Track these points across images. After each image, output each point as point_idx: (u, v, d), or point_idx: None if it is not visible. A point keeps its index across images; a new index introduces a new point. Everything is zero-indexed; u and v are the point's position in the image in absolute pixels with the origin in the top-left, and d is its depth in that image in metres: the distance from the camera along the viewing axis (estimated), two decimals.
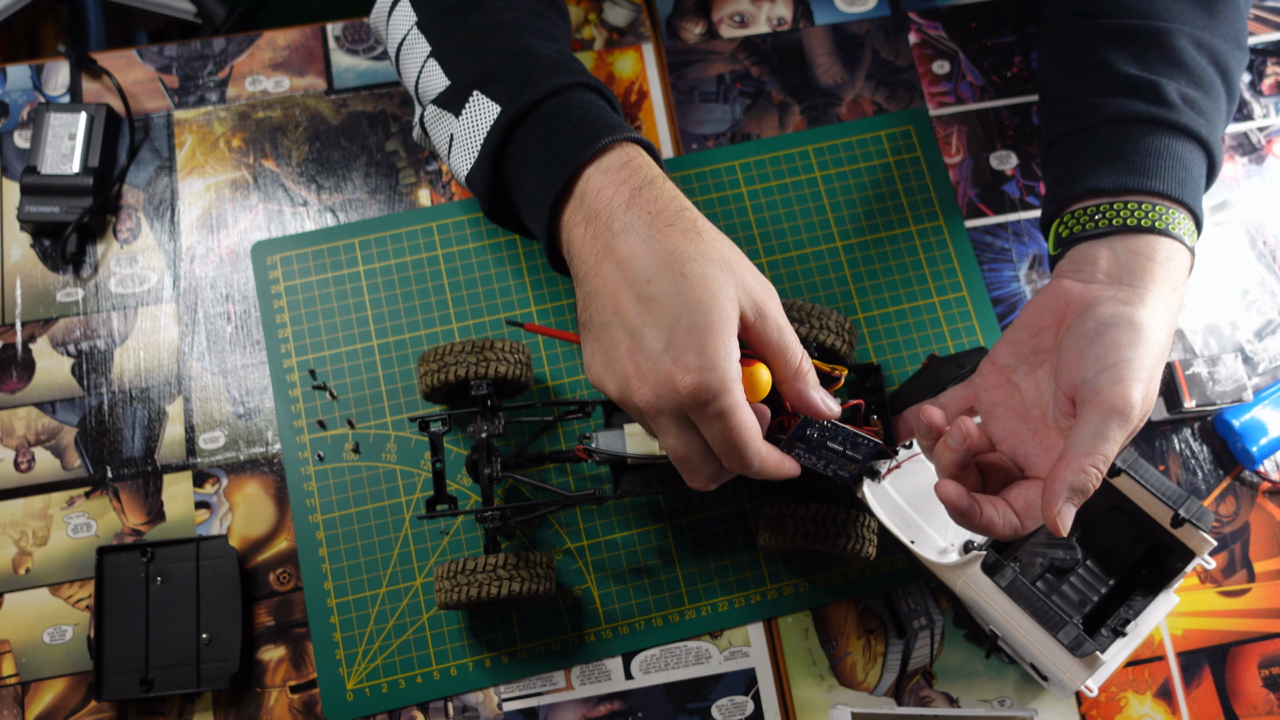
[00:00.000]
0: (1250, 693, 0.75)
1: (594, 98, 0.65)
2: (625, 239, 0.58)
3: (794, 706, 0.74)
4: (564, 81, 0.64)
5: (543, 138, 0.63)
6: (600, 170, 0.61)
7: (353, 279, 0.82)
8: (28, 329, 0.81)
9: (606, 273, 0.59)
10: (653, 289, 0.57)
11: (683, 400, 0.56)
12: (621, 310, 0.58)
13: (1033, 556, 0.71)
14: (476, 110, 0.66)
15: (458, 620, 0.75)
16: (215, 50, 0.89)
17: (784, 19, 0.91)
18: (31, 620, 0.74)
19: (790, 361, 0.60)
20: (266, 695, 0.73)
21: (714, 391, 0.56)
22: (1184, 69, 0.70)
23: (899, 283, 0.83)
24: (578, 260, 0.61)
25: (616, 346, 0.58)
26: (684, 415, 0.58)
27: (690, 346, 0.56)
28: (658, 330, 0.57)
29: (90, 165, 0.82)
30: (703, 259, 0.57)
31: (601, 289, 0.59)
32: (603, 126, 0.62)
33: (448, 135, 0.68)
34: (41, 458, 0.78)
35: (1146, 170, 0.67)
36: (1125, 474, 0.69)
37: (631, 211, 0.59)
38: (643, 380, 0.57)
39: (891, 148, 0.86)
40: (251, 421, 0.79)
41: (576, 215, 0.61)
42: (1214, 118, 0.70)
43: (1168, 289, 0.64)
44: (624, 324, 0.58)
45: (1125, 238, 0.65)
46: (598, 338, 0.60)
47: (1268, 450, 0.78)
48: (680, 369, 0.56)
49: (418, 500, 0.77)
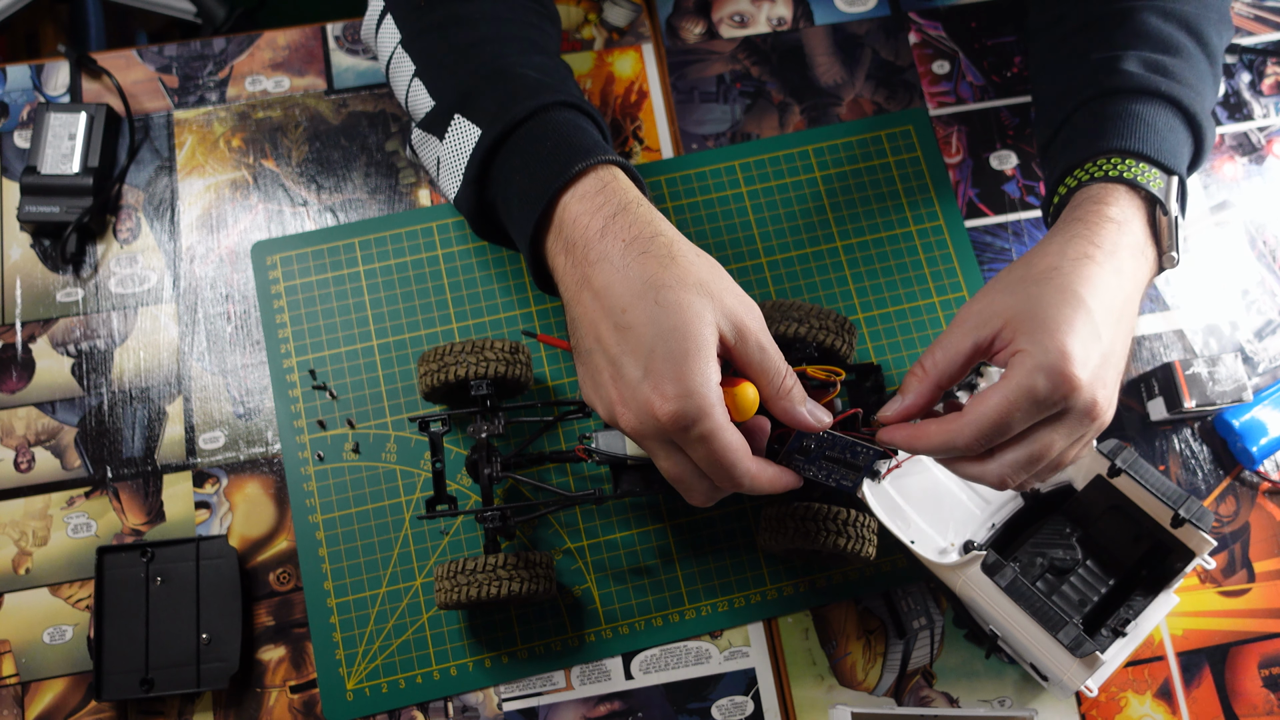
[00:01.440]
0: (1250, 693, 0.75)
1: (573, 116, 0.65)
2: (600, 269, 0.59)
3: (794, 706, 0.74)
4: (541, 102, 0.64)
5: (522, 163, 0.63)
6: (576, 198, 0.61)
7: (353, 279, 0.82)
8: (28, 329, 0.81)
9: (586, 302, 0.60)
10: (629, 318, 0.57)
11: (664, 427, 0.57)
12: (601, 339, 0.59)
13: (1033, 556, 0.71)
14: (458, 134, 0.66)
15: (458, 620, 0.75)
16: (215, 50, 0.89)
17: (784, 19, 0.91)
18: (31, 620, 0.74)
19: (773, 380, 0.60)
20: (266, 695, 0.73)
21: (692, 418, 0.56)
22: (1147, 38, 0.70)
23: (899, 283, 0.83)
24: (562, 287, 0.62)
25: (600, 373, 0.59)
26: (670, 440, 0.58)
27: (667, 374, 0.56)
28: (635, 359, 0.57)
29: (90, 165, 0.82)
30: (678, 285, 0.57)
31: (582, 317, 0.60)
32: (578, 150, 0.62)
33: (435, 158, 0.69)
34: (41, 458, 0.78)
35: (1104, 133, 0.66)
36: (1125, 474, 0.69)
37: (606, 240, 0.59)
38: (625, 407, 0.58)
39: (891, 148, 0.86)
40: (251, 421, 0.79)
41: (556, 244, 0.62)
42: (1185, 76, 0.69)
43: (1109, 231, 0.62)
44: (604, 352, 0.59)
45: (1074, 203, 0.65)
46: (584, 363, 0.61)
47: (1268, 450, 0.78)
48: (659, 397, 0.56)
49: (418, 500, 0.77)
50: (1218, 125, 0.88)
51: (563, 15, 0.90)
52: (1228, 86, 0.89)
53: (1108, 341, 0.59)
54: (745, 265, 0.83)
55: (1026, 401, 0.57)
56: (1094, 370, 0.58)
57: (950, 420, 0.59)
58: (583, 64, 0.89)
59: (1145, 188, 0.64)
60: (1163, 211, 0.64)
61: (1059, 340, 0.57)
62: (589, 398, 0.61)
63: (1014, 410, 0.57)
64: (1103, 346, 0.59)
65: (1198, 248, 0.85)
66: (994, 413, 0.58)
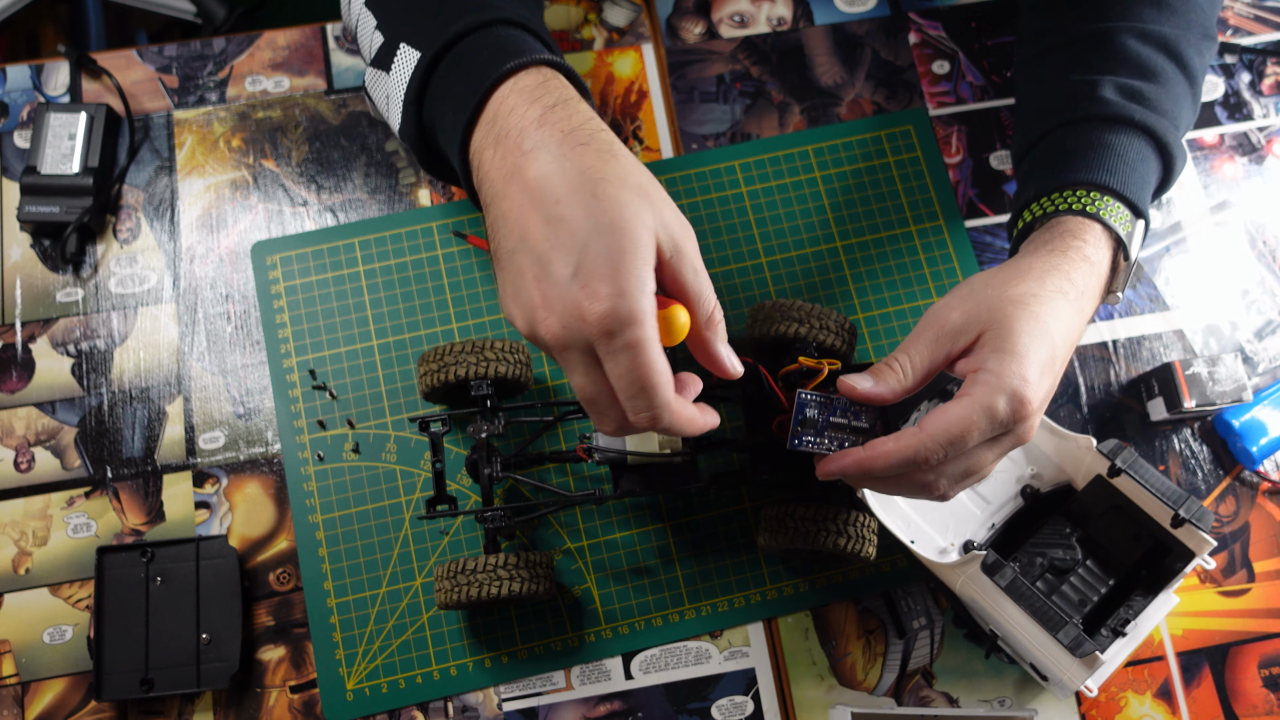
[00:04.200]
0: (1250, 693, 0.75)
1: (518, 32, 0.61)
2: (535, 157, 0.54)
3: (794, 706, 0.74)
4: (484, 19, 0.60)
5: (460, 74, 0.59)
6: (514, 90, 0.57)
7: (353, 279, 0.82)
8: (28, 329, 0.81)
9: (514, 194, 0.54)
10: (562, 210, 0.53)
11: (590, 331, 0.52)
12: (529, 234, 0.53)
13: (1033, 556, 0.71)
14: (403, 62, 0.62)
15: (458, 620, 0.75)
16: (215, 50, 0.89)
17: (784, 19, 0.91)
18: (31, 620, 0.74)
19: (704, 307, 0.56)
20: (266, 695, 0.73)
21: (624, 321, 0.51)
22: (1125, 61, 0.70)
23: (899, 283, 0.83)
24: (486, 185, 0.57)
25: (523, 275, 0.54)
26: (591, 350, 0.53)
27: (601, 273, 0.51)
28: (566, 255, 0.52)
29: (90, 165, 0.82)
30: (619, 182, 0.53)
31: (509, 212, 0.55)
32: (520, 51, 0.59)
33: (384, 96, 0.65)
34: (41, 458, 0.78)
35: (1076, 164, 0.67)
36: (1125, 474, 0.69)
37: (543, 129, 0.55)
38: (549, 310, 0.53)
39: (891, 148, 0.86)
40: (251, 421, 0.79)
41: (486, 138, 0.57)
42: (1160, 102, 0.70)
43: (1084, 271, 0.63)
44: (530, 250, 0.53)
45: (1050, 232, 0.66)
46: (505, 266, 0.55)
47: (1268, 450, 0.78)
48: (588, 296, 0.51)
49: (418, 500, 0.77)
50: (1218, 125, 0.88)
51: (563, 15, 0.90)
52: (1228, 86, 0.90)
53: (1055, 373, 0.61)
54: (745, 265, 0.83)
55: (986, 420, 0.58)
56: (1041, 398, 0.60)
57: (908, 436, 0.59)
58: (583, 64, 0.89)
59: (1115, 230, 0.65)
60: (1124, 256, 0.66)
61: (1025, 367, 0.59)
62: (507, 309, 0.56)
63: (974, 427, 0.58)
64: (1051, 378, 0.61)
65: (1198, 248, 0.85)
66: (957, 427, 0.58)
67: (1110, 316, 0.83)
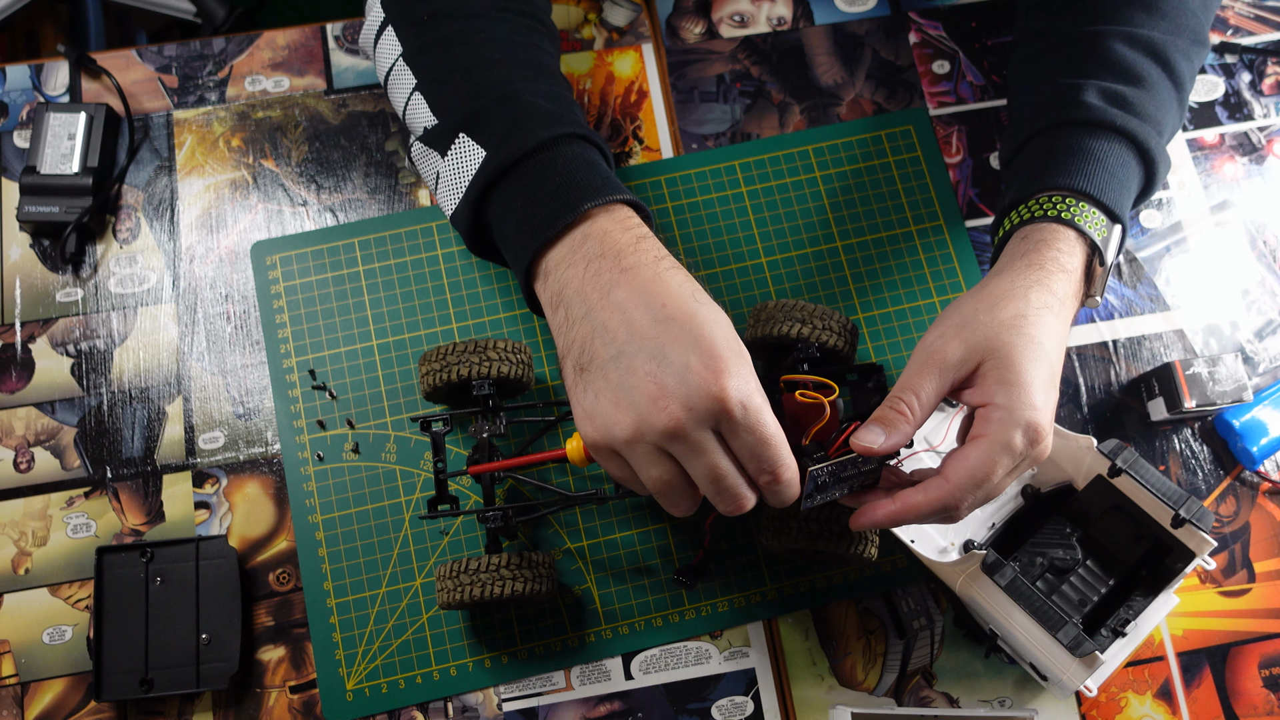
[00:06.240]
0: (1250, 693, 0.75)
1: (582, 148, 0.66)
2: (636, 274, 0.59)
3: (794, 706, 0.74)
4: (551, 134, 0.64)
5: (527, 191, 0.63)
6: (608, 218, 0.62)
7: (353, 279, 0.82)
8: (27, 329, 0.81)
9: (618, 300, 0.58)
10: (670, 312, 0.57)
11: (722, 405, 0.55)
12: (637, 334, 0.57)
13: (1033, 556, 0.71)
14: (462, 153, 0.66)
15: (458, 620, 0.74)
16: (215, 50, 0.88)
17: (784, 19, 0.91)
18: (31, 620, 0.74)
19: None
20: (266, 695, 0.73)
21: (751, 391, 0.56)
22: (1111, 66, 0.71)
23: (899, 283, 0.83)
24: (576, 300, 0.60)
25: (633, 374, 0.57)
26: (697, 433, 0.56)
27: (723, 355, 0.56)
28: (681, 346, 0.56)
29: (90, 165, 0.82)
30: (711, 305, 0.59)
31: (609, 321, 0.58)
32: (586, 189, 0.63)
33: (434, 173, 0.69)
34: (41, 458, 0.78)
35: (1055, 169, 0.68)
36: (1125, 474, 0.69)
37: (639, 252, 0.60)
38: (670, 398, 0.56)
39: (891, 148, 0.86)
40: (251, 421, 0.79)
41: (573, 255, 0.61)
42: (1145, 108, 0.70)
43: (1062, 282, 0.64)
44: (642, 348, 0.57)
45: (1027, 241, 0.67)
46: (605, 374, 0.58)
47: (1268, 450, 0.78)
48: (714, 373, 0.55)
49: (418, 500, 0.77)
50: (1218, 125, 0.88)
51: (563, 15, 0.90)
52: (1228, 86, 0.90)
53: (1056, 387, 0.62)
54: (745, 265, 0.83)
55: (1007, 457, 0.60)
56: (1050, 419, 0.61)
57: (935, 487, 0.60)
58: (583, 64, 0.89)
59: (1090, 236, 0.66)
60: (1100, 262, 0.67)
61: (1032, 395, 0.60)
62: (605, 418, 0.58)
63: (996, 465, 0.59)
64: (1054, 394, 0.62)
65: (1198, 248, 0.85)
66: (981, 470, 0.59)
67: (1111, 316, 0.83)
